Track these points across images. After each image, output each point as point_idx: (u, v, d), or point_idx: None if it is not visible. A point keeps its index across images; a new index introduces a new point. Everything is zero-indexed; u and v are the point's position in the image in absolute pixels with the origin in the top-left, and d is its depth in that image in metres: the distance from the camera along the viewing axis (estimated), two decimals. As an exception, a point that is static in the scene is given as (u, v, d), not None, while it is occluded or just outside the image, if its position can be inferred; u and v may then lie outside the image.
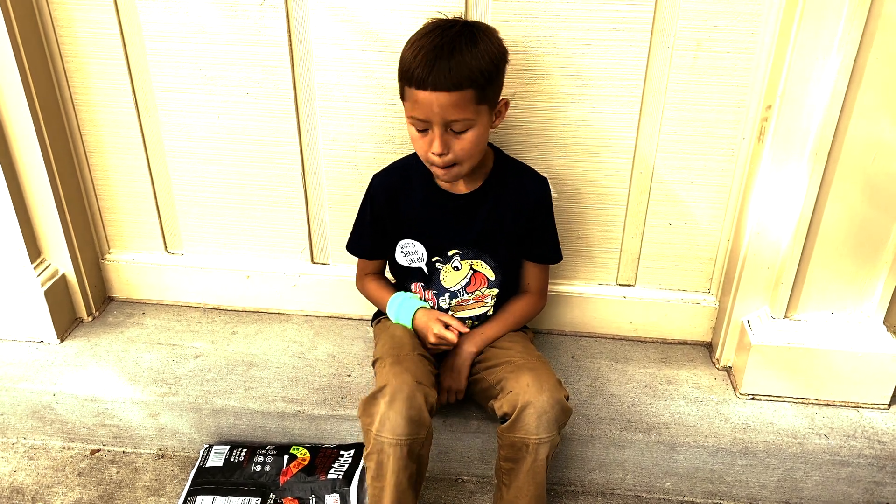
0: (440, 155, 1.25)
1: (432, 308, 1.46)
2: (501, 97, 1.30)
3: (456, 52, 1.19)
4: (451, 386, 1.44)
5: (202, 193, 1.69)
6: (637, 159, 1.54)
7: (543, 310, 1.66)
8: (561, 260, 1.50)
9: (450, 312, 1.46)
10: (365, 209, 1.46)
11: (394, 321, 1.46)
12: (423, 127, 1.25)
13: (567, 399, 1.29)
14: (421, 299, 1.46)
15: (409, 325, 1.43)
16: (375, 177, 1.45)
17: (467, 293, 1.45)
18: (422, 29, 1.24)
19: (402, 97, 1.27)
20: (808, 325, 1.50)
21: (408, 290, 1.48)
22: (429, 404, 1.26)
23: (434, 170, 1.31)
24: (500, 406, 1.30)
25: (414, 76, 1.20)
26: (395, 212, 1.42)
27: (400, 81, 1.26)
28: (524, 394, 1.25)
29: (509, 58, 1.30)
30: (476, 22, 1.27)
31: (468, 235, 1.41)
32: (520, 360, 1.36)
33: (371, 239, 1.47)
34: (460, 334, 1.41)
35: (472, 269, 1.43)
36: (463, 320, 1.46)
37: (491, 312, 1.48)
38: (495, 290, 1.46)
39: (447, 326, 1.39)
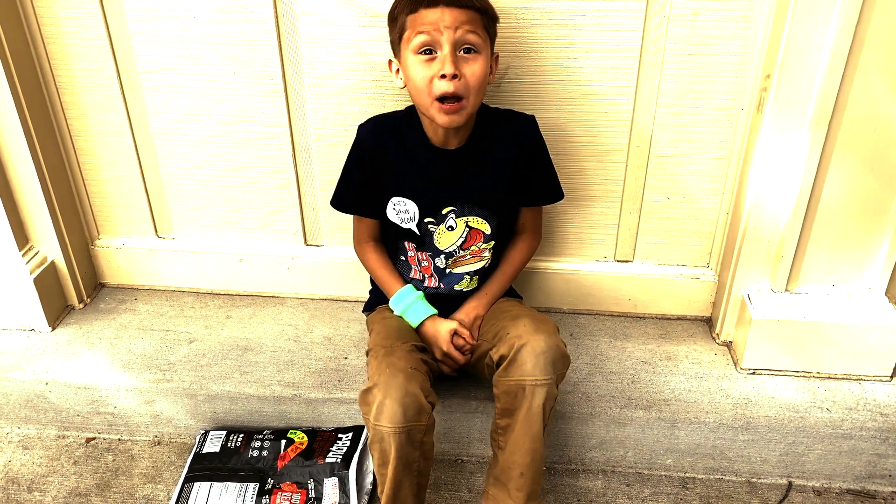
0: (452, 77, 1.18)
1: (428, 285, 1.43)
2: (494, 51, 1.29)
3: None
4: (461, 345, 1.40)
5: (191, 176, 1.66)
6: (634, 132, 1.51)
7: (541, 287, 1.64)
8: (563, 197, 1.45)
9: (447, 270, 1.42)
10: (352, 162, 1.40)
11: (396, 314, 1.43)
12: (428, 48, 1.19)
13: (565, 346, 1.27)
14: (416, 264, 1.43)
15: (413, 327, 1.41)
16: (362, 126, 1.37)
17: (463, 250, 1.42)
18: None
19: (399, 37, 1.23)
20: (809, 298, 1.49)
21: (399, 248, 1.44)
22: (425, 390, 1.23)
23: (435, 110, 1.23)
24: (497, 350, 1.28)
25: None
26: (383, 164, 1.36)
27: (398, 18, 1.23)
28: (522, 335, 1.25)
29: (501, 31, 1.28)
30: None
31: (463, 191, 1.36)
32: (518, 311, 1.36)
33: (359, 192, 1.41)
34: (469, 353, 1.40)
35: (467, 226, 1.39)
36: (461, 275, 1.43)
37: (488, 265, 1.44)
38: (491, 243, 1.42)
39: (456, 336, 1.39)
